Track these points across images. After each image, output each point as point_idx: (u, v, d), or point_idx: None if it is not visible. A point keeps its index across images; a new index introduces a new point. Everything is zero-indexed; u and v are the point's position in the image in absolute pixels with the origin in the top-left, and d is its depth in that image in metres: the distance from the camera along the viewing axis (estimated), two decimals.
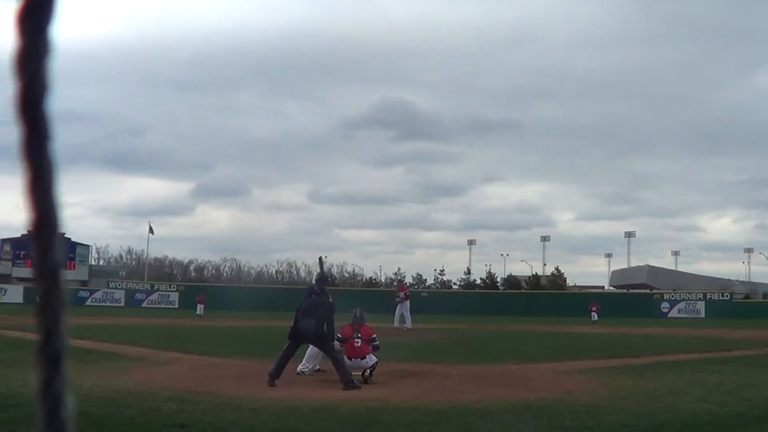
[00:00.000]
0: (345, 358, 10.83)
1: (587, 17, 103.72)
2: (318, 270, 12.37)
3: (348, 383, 10.08)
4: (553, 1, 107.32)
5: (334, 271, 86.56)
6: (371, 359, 11.04)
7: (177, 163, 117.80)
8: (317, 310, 10.89)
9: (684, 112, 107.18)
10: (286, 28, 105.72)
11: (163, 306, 53.38)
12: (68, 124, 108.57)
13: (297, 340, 10.92)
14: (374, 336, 11.41)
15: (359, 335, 11.23)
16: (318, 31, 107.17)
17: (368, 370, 10.90)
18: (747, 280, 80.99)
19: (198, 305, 38.52)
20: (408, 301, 28.73)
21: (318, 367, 11.96)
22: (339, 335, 11.30)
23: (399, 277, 61.35)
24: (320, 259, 13.73)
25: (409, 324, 27.39)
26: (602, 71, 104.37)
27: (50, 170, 0.77)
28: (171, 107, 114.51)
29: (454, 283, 77.48)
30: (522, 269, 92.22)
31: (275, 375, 10.29)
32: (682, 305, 52.28)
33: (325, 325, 10.80)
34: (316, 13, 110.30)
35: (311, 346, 11.50)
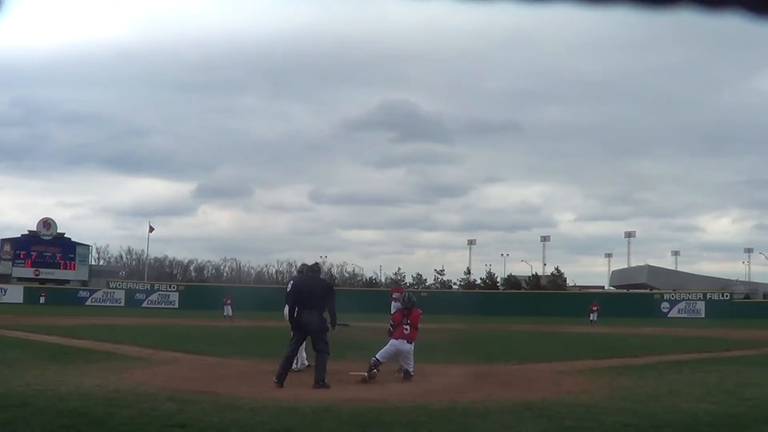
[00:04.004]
0: (392, 339, 11.13)
1: (587, 20, 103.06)
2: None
3: (319, 382, 10.03)
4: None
5: (335, 271, 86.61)
6: (410, 360, 11.21)
7: (180, 164, 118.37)
8: (318, 297, 10.65)
9: (683, 114, 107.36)
10: (289, 30, 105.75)
11: (163, 306, 53.42)
12: (72, 125, 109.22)
13: (301, 329, 10.73)
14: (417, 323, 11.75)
15: (408, 321, 11.50)
16: (321, 33, 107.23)
17: (409, 371, 11.04)
18: (747, 280, 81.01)
19: (225, 306, 37.93)
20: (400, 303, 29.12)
21: (307, 363, 11.96)
22: (391, 322, 11.59)
23: (396, 278, 61.40)
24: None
25: None
26: (602, 73, 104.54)
27: None
28: (174, 109, 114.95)
29: (454, 283, 77.55)
30: (522, 269, 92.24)
31: (282, 377, 10.23)
32: (682, 305, 52.30)
33: (326, 313, 10.68)
34: (319, 16, 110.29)
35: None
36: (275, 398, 9.03)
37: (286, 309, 12.61)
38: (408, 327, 11.40)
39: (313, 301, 10.62)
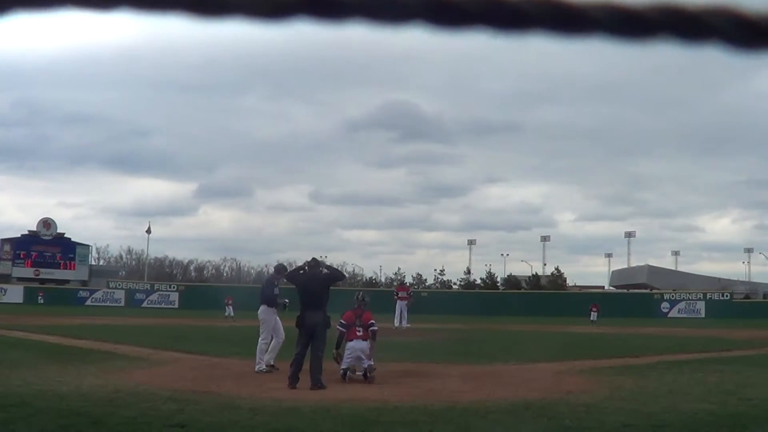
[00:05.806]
0: (347, 343, 11.00)
1: None
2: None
3: (316, 383, 10.04)
4: None
5: None
6: (365, 357, 11.06)
7: (181, 164, 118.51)
8: (323, 296, 10.70)
9: (682, 114, 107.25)
10: (290, 31, 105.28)
11: (163, 306, 53.35)
12: (74, 126, 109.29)
13: (305, 328, 10.64)
14: (372, 321, 11.43)
15: (361, 323, 11.31)
16: (322, 33, 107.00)
17: (369, 372, 10.92)
18: (747, 280, 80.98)
19: (227, 306, 37.97)
20: (406, 301, 29.25)
21: (273, 363, 12.08)
22: (342, 321, 11.34)
23: (400, 278, 61.42)
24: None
25: (405, 323, 27.75)
26: (601, 74, 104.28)
27: None
28: (176, 109, 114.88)
29: (454, 283, 77.45)
30: (522, 269, 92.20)
31: (295, 379, 10.22)
32: (682, 305, 52.23)
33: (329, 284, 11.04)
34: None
35: (274, 338, 12.29)
36: (275, 398, 9.04)
37: (260, 309, 12.68)
38: (360, 329, 11.25)
39: (317, 300, 10.62)
